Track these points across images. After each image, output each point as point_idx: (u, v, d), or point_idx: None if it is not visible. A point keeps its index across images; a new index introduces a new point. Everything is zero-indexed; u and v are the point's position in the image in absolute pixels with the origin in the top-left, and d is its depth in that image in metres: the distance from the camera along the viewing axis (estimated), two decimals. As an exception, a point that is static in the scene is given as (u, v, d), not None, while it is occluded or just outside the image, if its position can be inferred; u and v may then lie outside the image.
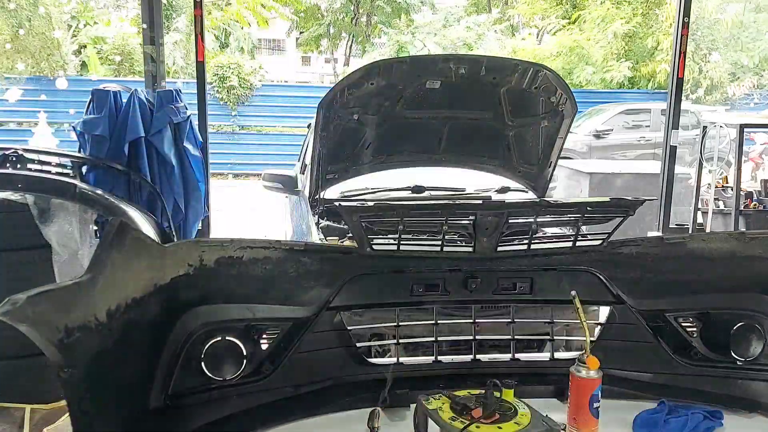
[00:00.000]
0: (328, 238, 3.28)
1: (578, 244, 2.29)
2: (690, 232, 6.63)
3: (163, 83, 4.79)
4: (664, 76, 15.82)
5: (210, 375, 1.98)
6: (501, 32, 21.27)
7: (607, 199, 2.37)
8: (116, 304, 1.61)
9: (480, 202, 2.24)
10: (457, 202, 2.23)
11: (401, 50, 19.34)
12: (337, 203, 2.27)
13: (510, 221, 2.18)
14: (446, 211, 2.17)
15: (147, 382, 1.85)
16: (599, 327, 2.37)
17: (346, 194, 3.79)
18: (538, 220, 2.24)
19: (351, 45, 23.20)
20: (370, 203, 2.53)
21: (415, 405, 1.96)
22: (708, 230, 6.77)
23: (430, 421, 1.82)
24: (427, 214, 2.32)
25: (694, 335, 2.33)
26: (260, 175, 5.27)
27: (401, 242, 2.19)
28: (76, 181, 3.60)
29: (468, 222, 2.18)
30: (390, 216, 2.16)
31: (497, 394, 1.84)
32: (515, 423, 1.75)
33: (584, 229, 2.38)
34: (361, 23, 22.33)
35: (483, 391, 1.85)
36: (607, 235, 2.30)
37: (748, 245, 2.25)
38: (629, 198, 2.21)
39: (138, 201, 3.97)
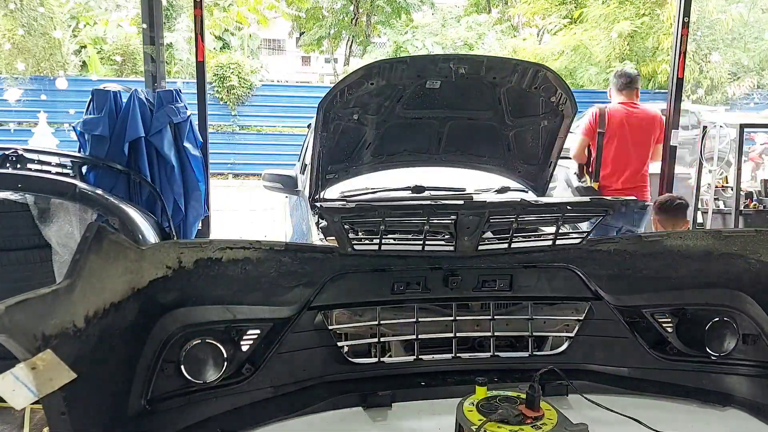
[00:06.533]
0: (327, 239, 3.28)
1: (558, 242, 2.32)
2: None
3: (163, 83, 4.79)
4: (665, 77, 15.81)
5: (190, 378, 1.97)
6: (502, 32, 21.25)
7: (587, 199, 2.40)
8: (94, 310, 1.60)
9: (462, 201, 2.24)
10: (438, 202, 2.25)
11: (401, 50, 19.33)
12: (319, 204, 2.28)
13: (491, 220, 2.20)
14: (428, 211, 2.17)
15: (126, 386, 1.84)
16: (577, 323, 2.40)
17: (346, 194, 3.79)
18: (519, 219, 2.25)
19: (351, 45, 23.19)
20: (351, 204, 2.53)
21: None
22: (708, 230, 6.76)
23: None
24: (409, 214, 2.33)
25: (670, 331, 2.37)
26: (260, 175, 5.27)
27: (383, 242, 2.20)
28: (76, 181, 3.60)
29: (450, 221, 2.19)
30: (371, 216, 2.17)
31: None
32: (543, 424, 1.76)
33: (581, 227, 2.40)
34: (361, 23, 22.32)
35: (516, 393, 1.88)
36: (586, 233, 2.33)
37: (723, 243, 2.30)
38: (609, 198, 2.24)
39: (138, 201, 3.97)
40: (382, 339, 2.33)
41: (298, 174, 4.97)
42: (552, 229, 2.39)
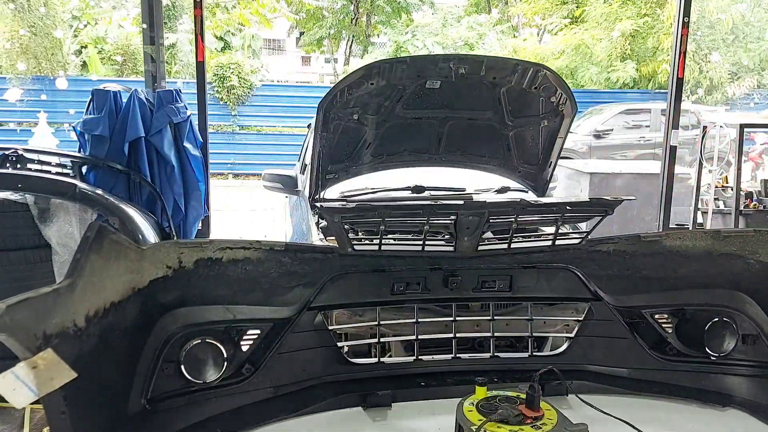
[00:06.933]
0: (327, 239, 3.28)
1: (557, 242, 2.32)
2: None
3: (163, 83, 4.79)
4: (665, 76, 15.82)
5: (190, 378, 1.97)
6: (502, 32, 21.25)
7: (586, 198, 2.40)
8: (95, 309, 1.61)
9: (462, 202, 2.24)
10: (438, 203, 2.25)
11: (401, 50, 19.33)
12: (319, 204, 2.27)
13: (491, 221, 2.20)
14: (427, 211, 2.17)
15: (126, 386, 1.84)
16: (577, 324, 2.40)
17: (346, 194, 3.79)
18: (519, 219, 2.25)
19: (351, 45, 23.19)
20: (351, 204, 2.52)
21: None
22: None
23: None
24: (408, 214, 2.33)
25: (670, 331, 2.37)
26: (260, 175, 5.27)
27: (383, 242, 2.19)
28: (76, 181, 3.61)
29: (449, 222, 2.19)
30: (371, 216, 2.16)
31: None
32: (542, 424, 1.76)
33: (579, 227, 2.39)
34: (361, 23, 22.31)
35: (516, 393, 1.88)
36: (585, 233, 2.33)
37: (722, 243, 2.30)
38: (608, 197, 2.24)
39: (138, 201, 3.97)
40: (381, 339, 2.33)
41: (298, 174, 4.97)
42: (552, 230, 2.39)
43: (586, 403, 1.98)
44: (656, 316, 2.40)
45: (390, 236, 2.53)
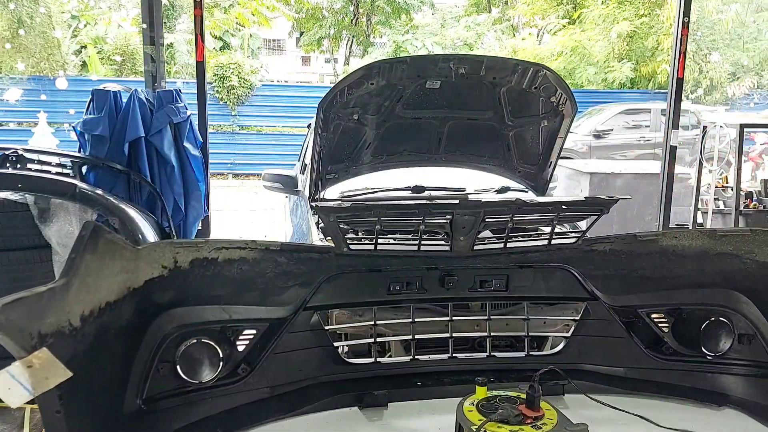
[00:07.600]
0: (327, 239, 3.28)
1: (553, 241, 2.32)
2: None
3: (163, 83, 4.79)
4: (665, 77, 15.82)
5: (185, 378, 1.97)
6: (501, 32, 21.24)
7: (581, 198, 2.40)
8: (90, 309, 1.60)
9: (457, 201, 2.24)
10: (434, 202, 2.24)
11: (401, 50, 19.32)
12: (313, 203, 2.27)
13: (486, 220, 2.20)
14: (422, 210, 2.17)
15: (121, 386, 1.84)
16: (574, 323, 2.40)
17: (346, 194, 3.79)
18: (515, 218, 2.25)
19: (351, 45, 23.19)
20: (347, 204, 2.52)
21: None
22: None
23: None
24: (404, 214, 2.33)
25: (666, 330, 2.37)
26: (260, 175, 5.28)
27: (379, 242, 2.19)
28: (76, 181, 3.60)
29: (445, 221, 2.19)
30: (366, 216, 2.16)
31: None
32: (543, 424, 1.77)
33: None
34: (361, 23, 22.31)
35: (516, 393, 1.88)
36: (581, 232, 2.32)
37: (719, 242, 2.30)
38: (603, 197, 2.24)
39: (138, 201, 3.97)
40: (378, 339, 2.33)
41: (298, 174, 4.97)
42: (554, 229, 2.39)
43: (601, 403, 1.97)
44: (653, 316, 2.40)
45: (390, 236, 2.54)
